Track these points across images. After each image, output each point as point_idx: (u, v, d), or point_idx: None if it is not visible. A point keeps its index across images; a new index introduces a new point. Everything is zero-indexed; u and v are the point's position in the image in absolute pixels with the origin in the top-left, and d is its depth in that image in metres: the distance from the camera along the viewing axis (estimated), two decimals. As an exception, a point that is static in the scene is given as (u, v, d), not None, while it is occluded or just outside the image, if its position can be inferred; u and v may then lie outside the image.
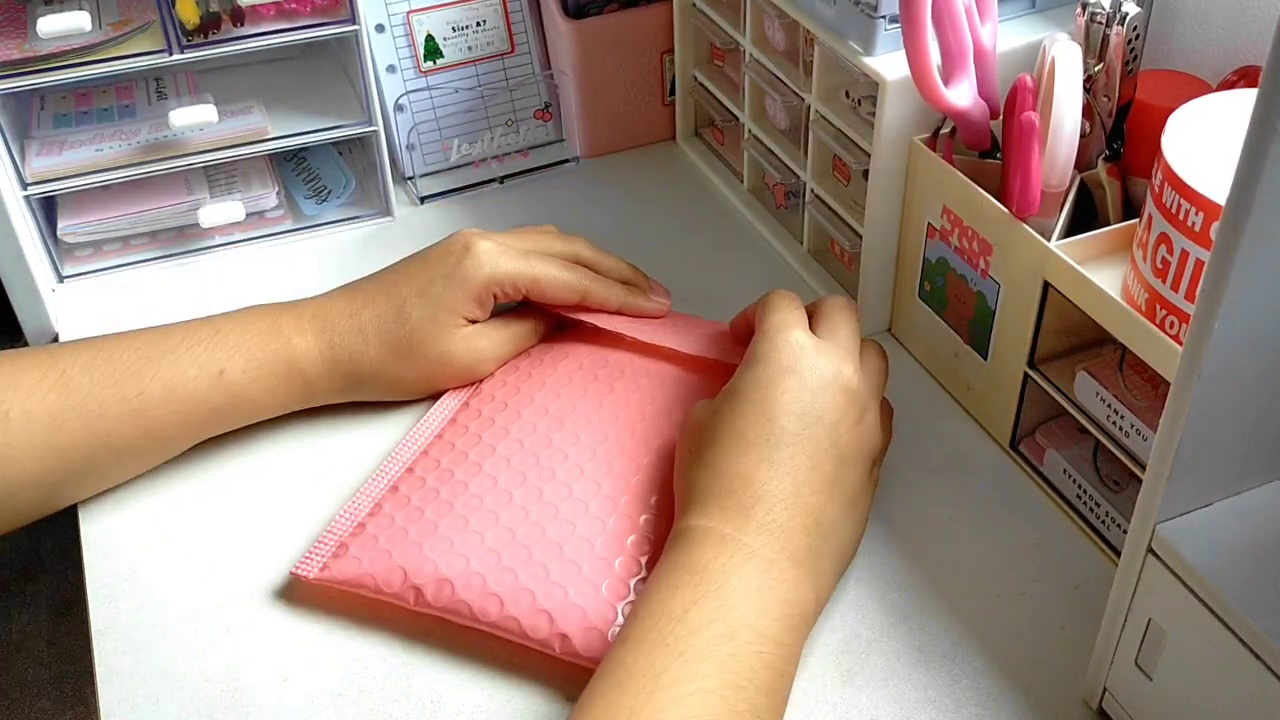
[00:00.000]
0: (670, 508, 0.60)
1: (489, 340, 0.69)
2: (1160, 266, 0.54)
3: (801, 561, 0.55)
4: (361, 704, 0.56)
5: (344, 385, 0.68)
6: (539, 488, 0.62)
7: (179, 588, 0.62)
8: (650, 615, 0.51)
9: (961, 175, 0.65)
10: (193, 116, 0.78)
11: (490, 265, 0.67)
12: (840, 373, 0.59)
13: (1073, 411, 0.61)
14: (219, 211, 0.82)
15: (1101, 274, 0.58)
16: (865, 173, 0.70)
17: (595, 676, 0.50)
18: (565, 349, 0.71)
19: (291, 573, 0.60)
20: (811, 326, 0.62)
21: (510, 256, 0.68)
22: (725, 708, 0.48)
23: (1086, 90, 0.61)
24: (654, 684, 0.48)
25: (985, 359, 0.67)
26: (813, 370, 0.59)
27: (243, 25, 0.78)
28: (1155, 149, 0.54)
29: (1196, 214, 0.51)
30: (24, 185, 0.78)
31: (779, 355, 0.59)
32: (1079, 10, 0.61)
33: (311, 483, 0.67)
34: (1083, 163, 0.63)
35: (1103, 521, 0.62)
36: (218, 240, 0.85)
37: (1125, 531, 0.50)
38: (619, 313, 0.71)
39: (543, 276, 0.68)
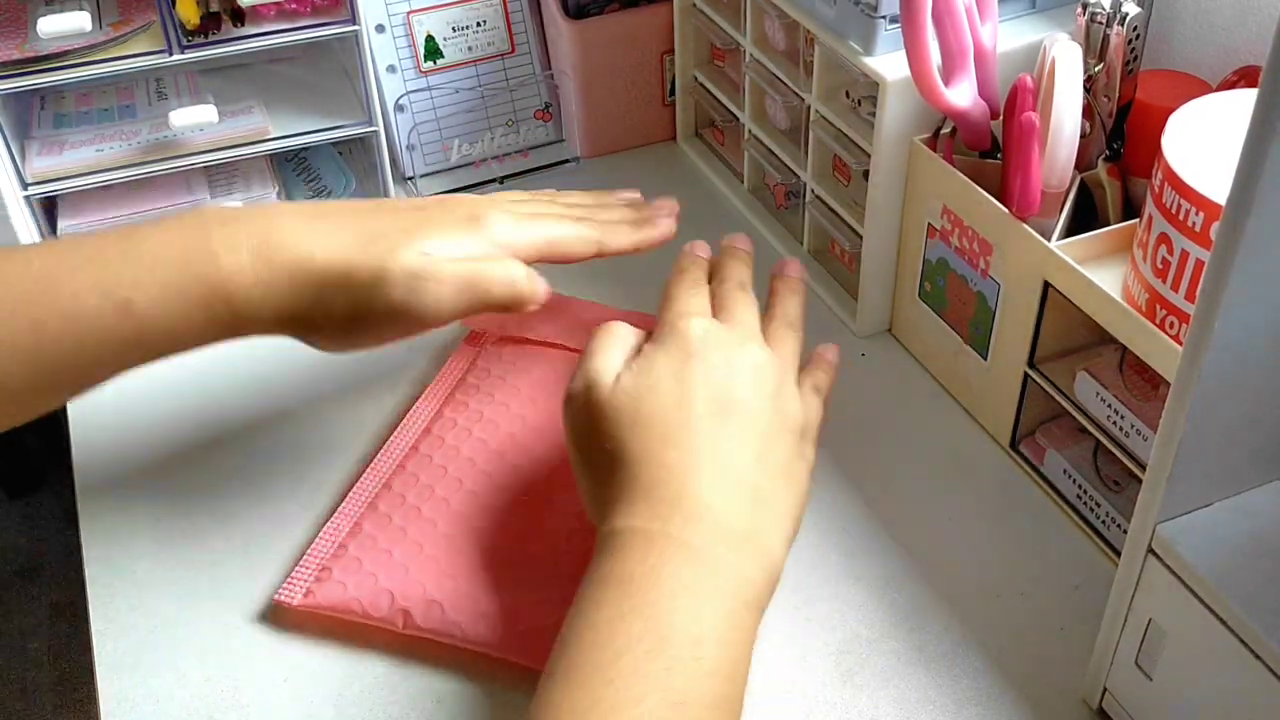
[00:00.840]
0: None
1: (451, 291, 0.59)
2: (1160, 266, 0.54)
3: (739, 542, 0.52)
4: (361, 705, 0.56)
5: (276, 320, 0.58)
6: (522, 501, 0.62)
7: (179, 587, 0.62)
8: (576, 643, 0.48)
9: (962, 175, 0.65)
10: (193, 117, 0.78)
11: (503, 234, 0.61)
12: (745, 351, 0.57)
13: (1073, 412, 0.61)
14: (219, 212, 0.82)
15: (1102, 274, 0.58)
16: (865, 173, 0.70)
17: (527, 715, 0.47)
18: (538, 352, 0.71)
19: (275, 600, 0.60)
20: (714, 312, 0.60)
21: (523, 226, 0.62)
22: None
23: (1087, 90, 0.61)
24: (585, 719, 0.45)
25: (985, 359, 0.67)
26: (717, 352, 0.56)
27: (243, 25, 0.78)
28: (1155, 149, 0.54)
29: (1197, 214, 0.51)
30: (24, 185, 0.78)
31: (683, 342, 0.57)
32: (1079, 10, 0.61)
33: (315, 482, 0.67)
34: (1083, 163, 0.63)
35: (1103, 522, 0.62)
36: (218, 240, 0.85)
37: (1125, 532, 0.50)
38: (635, 251, 0.67)
39: (557, 236, 0.63)
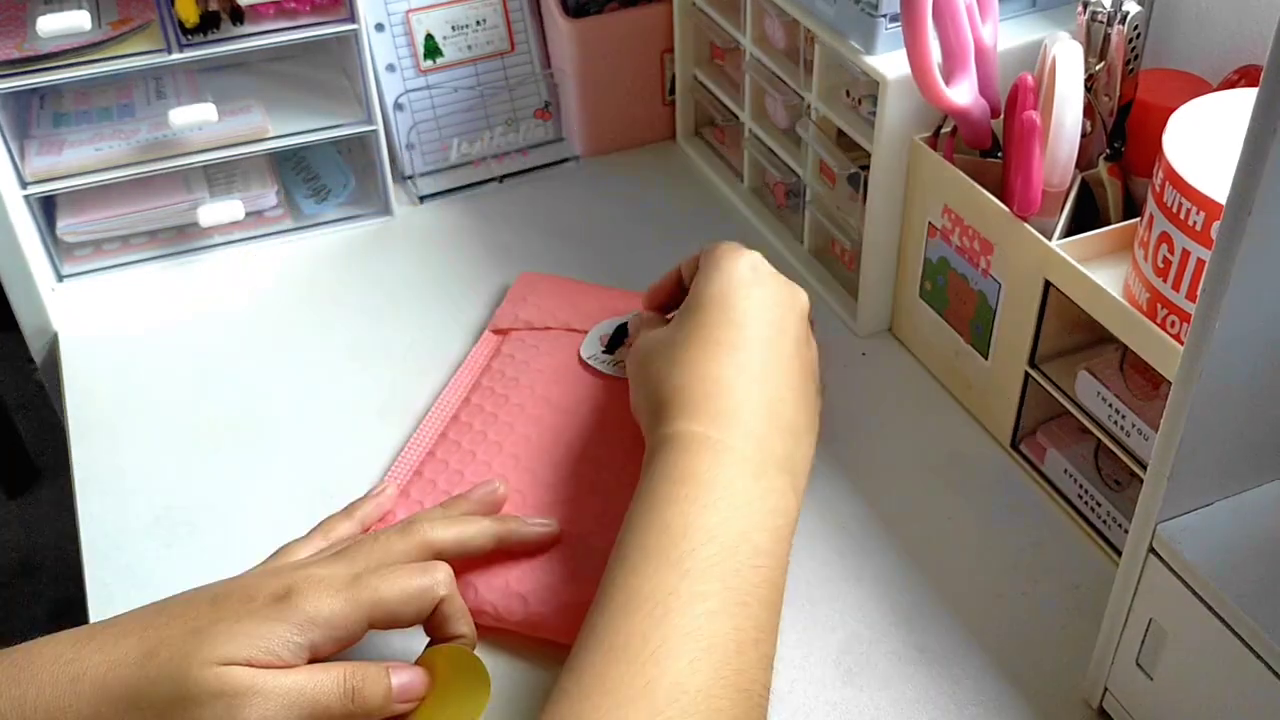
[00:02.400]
0: None
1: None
2: (1161, 266, 0.54)
3: (784, 468, 0.55)
4: (361, 704, 0.56)
5: None
6: (549, 482, 0.63)
7: (179, 586, 0.62)
8: (649, 532, 0.50)
9: (962, 174, 0.65)
10: (192, 116, 0.78)
11: (323, 608, 0.49)
12: (795, 293, 0.62)
13: (1074, 411, 0.61)
14: (218, 211, 0.82)
15: (1102, 273, 0.58)
16: (850, 178, 0.70)
17: (597, 601, 0.49)
18: (565, 337, 0.72)
19: None
20: None
21: (339, 597, 0.49)
22: (732, 626, 0.48)
23: (1087, 89, 0.61)
24: (664, 607, 0.47)
25: (986, 358, 0.67)
26: (772, 282, 0.61)
27: (242, 24, 0.78)
28: (1156, 148, 0.54)
29: (1198, 213, 0.51)
30: (23, 184, 0.78)
31: (736, 270, 0.61)
32: (1080, 9, 0.61)
33: (316, 483, 0.67)
34: (1084, 162, 0.63)
35: (1104, 521, 0.62)
36: (217, 239, 0.85)
37: (1126, 531, 0.50)
38: (503, 545, 0.57)
39: (388, 595, 0.50)
